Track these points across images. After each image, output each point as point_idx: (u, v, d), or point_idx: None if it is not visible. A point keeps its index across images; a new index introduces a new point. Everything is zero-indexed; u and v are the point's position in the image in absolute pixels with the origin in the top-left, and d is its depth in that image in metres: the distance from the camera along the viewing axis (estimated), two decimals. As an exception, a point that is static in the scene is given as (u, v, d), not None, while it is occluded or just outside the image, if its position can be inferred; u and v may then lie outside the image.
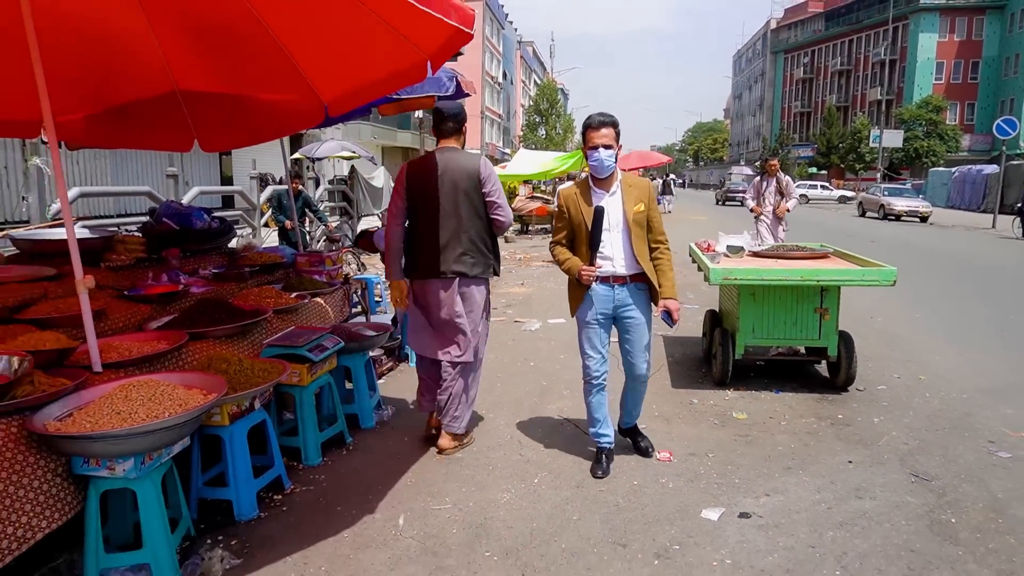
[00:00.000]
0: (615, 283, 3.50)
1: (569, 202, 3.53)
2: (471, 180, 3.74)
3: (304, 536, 2.99)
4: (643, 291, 3.54)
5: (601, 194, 3.48)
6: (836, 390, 4.91)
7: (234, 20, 3.61)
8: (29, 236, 4.52)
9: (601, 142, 3.38)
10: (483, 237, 3.81)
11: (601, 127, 3.41)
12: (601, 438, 3.68)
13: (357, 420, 4.35)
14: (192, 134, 4.58)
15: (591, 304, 3.53)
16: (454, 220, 3.75)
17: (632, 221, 3.43)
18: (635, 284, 3.51)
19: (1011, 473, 3.56)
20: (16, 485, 2.44)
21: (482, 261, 3.81)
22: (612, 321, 3.59)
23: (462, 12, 2.75)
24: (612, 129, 3.42)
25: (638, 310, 3.53)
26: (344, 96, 4.17)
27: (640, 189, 3.51)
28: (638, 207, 3.45)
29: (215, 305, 3.96)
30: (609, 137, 3.40)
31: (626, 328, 3.57)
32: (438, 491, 3.41)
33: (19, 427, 2.52)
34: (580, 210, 3.46)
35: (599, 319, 3.54)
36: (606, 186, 3.49)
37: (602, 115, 3.46)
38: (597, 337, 3.57)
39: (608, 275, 3.48)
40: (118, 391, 2.70)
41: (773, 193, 9.31)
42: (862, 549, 2.83)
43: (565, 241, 3.60)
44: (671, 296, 3.48)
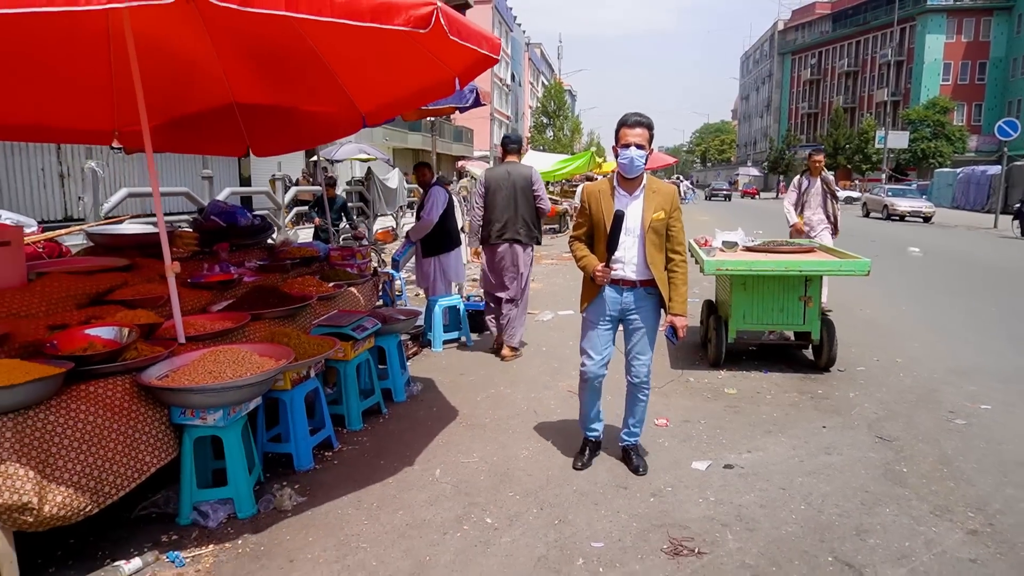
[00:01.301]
0: (624, 286, 3.49)
1: (591, 199, 3.52)
2: (526, 182, 5.83)
3: (355, 482, 3.56)
4: (652, 296, 3.50)
5: (624, 196, 3.45)
6: (819, 371, 5.44)
7: (287, 44, 4.19)
8: (101, 231, 5.11)
9: (634, 140, 3.32)
10: (532, 219, 5.90)
11: (636, 126, 3.35)
12: (590, 432, 3.78)
13: (391, 395, 4.92)
14: (245, 141, 5.18)
15: (601, 305, 3.53)
16: (514, 207, 5.80)
17: (650, 228, 3.39)
18: (644, 289, 3.48)
19: (963, 436, 4.09)
20: (133, 429, 3.03)
21: (529, 234, 5.89)
22: (618, 323, 3.61)
23: (491, 42, 3.31)
24: (647, 130, 3.37)
25: (644, 314, 3.51)
26: (380, 108, 4.77)
27: (663, 196, 3.45)
28: (658, 214, 3.40)
29: (268, 291, 4.53)
30: (643, 137, 3.35)
31: (631, 331, 3.56)
32: (466, 449, 3.97)
33: (131, 383, 3.11)
34: (601, 209, 3.44)
35: (605, 321, 3.56)
36: (631, 188, 3.45)
37: (638, 115, 3.41)
38: (600, 339, 3.58)
39: (619, 278, 3.47)
40: (208, 355, 3.27)
41: (819, 198, 7.53)
42: (825, 491, 3.37)
43: (584, 237, 3.60)
44: (679, 313, 3.45)
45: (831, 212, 7.53)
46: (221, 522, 3.17)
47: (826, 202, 7.52)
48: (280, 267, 5.49)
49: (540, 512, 3.20)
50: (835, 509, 3.19)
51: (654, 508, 3.23)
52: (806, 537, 2.95)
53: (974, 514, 3.14)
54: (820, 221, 7.53)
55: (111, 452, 2.92)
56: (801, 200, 7.59)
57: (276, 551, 2.92)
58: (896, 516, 3.12)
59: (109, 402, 3.01)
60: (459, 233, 6.87)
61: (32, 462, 2.61)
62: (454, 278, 6.83)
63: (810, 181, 7.58)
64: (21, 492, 2.56)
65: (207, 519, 3.18)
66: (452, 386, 5.20)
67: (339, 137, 5.42)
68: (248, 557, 2.88)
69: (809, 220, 7.53)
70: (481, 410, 4.65)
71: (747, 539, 2.94)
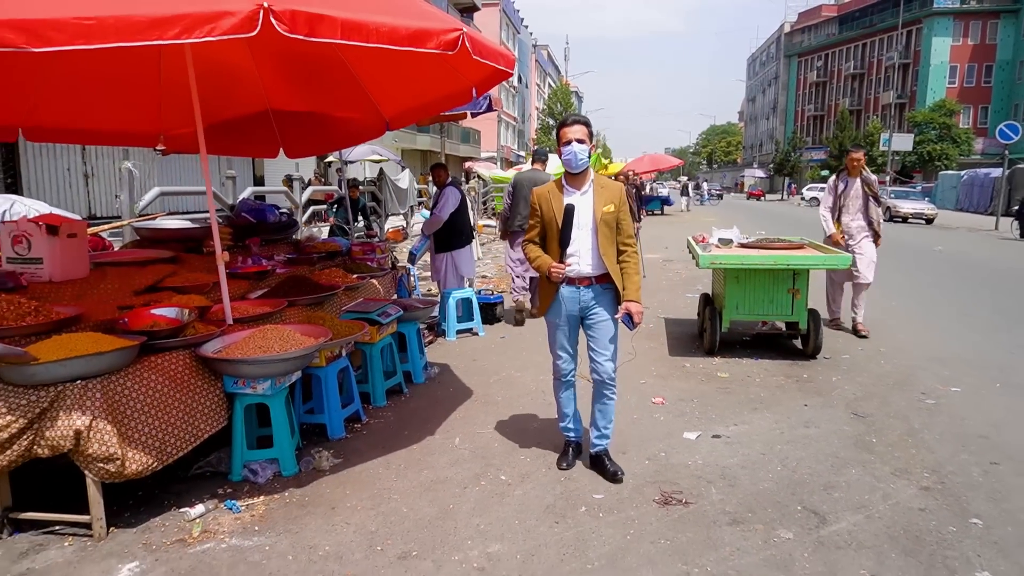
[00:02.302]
0: (580, 284, 3.52)
1: (542, 200, 3.55)
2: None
3: (383, 448, 4.01)
4: (609, 291, 3.54)
5: (573, 192, 3.51)
6: (806, 358, 5.87)
7: (320, 57, 4.65)
8: (146, 226, 5.58)
9: (574, 137, 3.42)
10: None
11: (575, 124, 3.47)
12: (569, 432, 3.82)
13: (410, 377, 5.36)
14: (279, 144, 5.64)
15: (560, 305, 3.56)
16: None
17: (601, 221, 3.44)
18: (600, 285, 3.52)
19: (931, 413, 4.51)
20: (191, 398, 3.49)
21: None
22: (579, 322, 3.62)
23: (507, 58, 3.75)
24: (584, 127, 3.47)
25: (603, 310, 3.53)
26: (403, 114, 5.23)
27: (611, 191, 3.53)
28: (608, 207, 3.45)
29: (300, 280, 4.99)
30: (582, 133, 3.44)
31: (591, 328, 3.57)
32: (481, 422, 4.42)
33: (189, 357, 3.56)
34: (552, 207, 3.48)
35: (566, 321, 3.59)
36: (579, 184, 3.52)
37: (575, 115, 3.57)
38: (565, 337, 3.62)
39: (574, 275, 3.50)
40: (256, 333, 3.73)
41: (859, 201, 6.72)
42: (800, 456, 3.81)
43: (537, 239, 3.62)
44: (633, 299, 3.46)
45: (873, 217, 6.69)
46: (268, 479, 3.63)
47: (867, 206, 6.68)
48: (307, 260, 5.95)
49: (548, 471, 3.64)
50: (807, 470, 3.62)
51: (648, 469, 3.66)
52: (780, 491, 3.39)
53: (929, 475, 3.57)
54: (860, 228, 6.72)
55: (173, 417, 3.38)
56: (838, 204, 6.78)
57: (319, 501, 3.37)
58: (860, 476, 3.56)
59: (172, 373, 3.47)
60: (471, 231, 7.30)
61: (115, 420, 3.07)
62: (465, 273, 7.26)
63: (848, 182, 6.76)
64: (108, 444, 3.02)
65: (256, 476, 3.64)
66: (466, 370, 5.65)
67: (365, 141, 5.88)
68: (295, 506, 3.34)
69: (848, 227, 6.73)
70: (493, 390, 5.09)
71: (728, 492, 3.38)
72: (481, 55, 3.42)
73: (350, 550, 2.91)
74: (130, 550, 2.96)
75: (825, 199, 6.96)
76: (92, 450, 3.00)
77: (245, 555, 2.90)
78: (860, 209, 6.70)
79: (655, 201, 30.27)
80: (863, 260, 6.68)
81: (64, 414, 2.96)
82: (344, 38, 2.66)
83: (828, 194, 6.94)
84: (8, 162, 12.34)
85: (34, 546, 3.01)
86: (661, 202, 30.89)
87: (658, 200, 30.67)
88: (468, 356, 6.09)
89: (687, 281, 10.08)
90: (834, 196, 6.85)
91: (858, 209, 6.70)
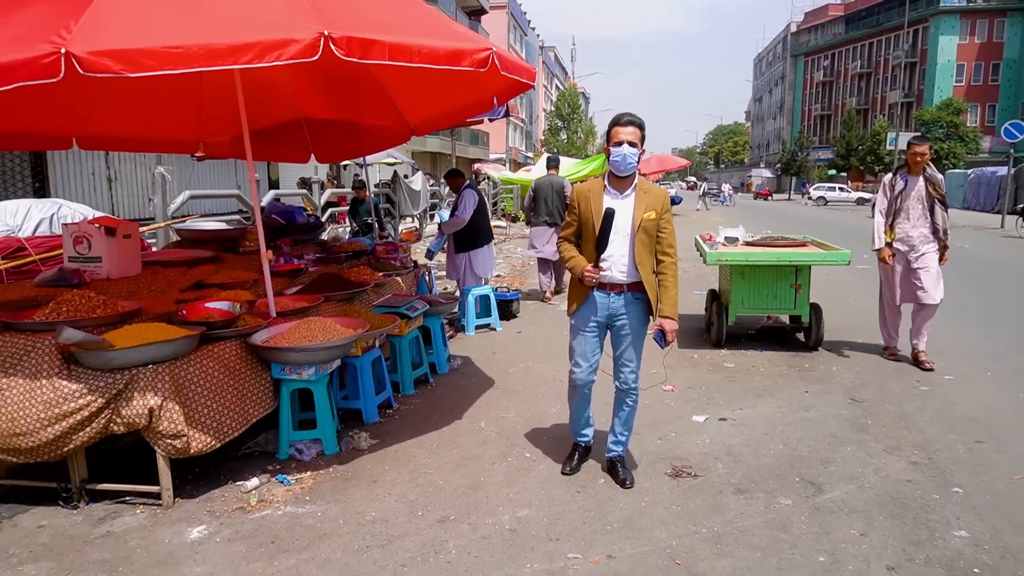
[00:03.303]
0: (611, 291, 3.42)
1: (581, 199, 3.45)
2: (560, 187, 8.85)
3: (415, 430, 4.35)
4: (640, 301, 3.43)
5: (615, 195, 3.39)
6: (808, 350, 6.18)
7: (350, 68, 4.99)
8: (188, 227, 5.96)
9: (627, 138, 3.29)
10: (562, 210, 8.45)
11: (629, 125, 3.33)
12: (581, 437, 3.76)
13: (435, 368, 5.71)
14: (310, 150, 6.00)
15: (590, 309, 3.46)
16: (552, 202, 8.81)
17: (640, 228, 3.33)
18: (632, 293, 3.41)
19: (925, 399, 4.83)
20: (243, 383, 3.85)
21: (560, 219, 8.22)
22: (606, 329, 3.54)
23: (530, 72, 4.10)
24: (639, 129, 3.34)
25: (632, 320, 3.44)
26: (427, 121, 5.58)
27: (654, 197, 3.38)
28: (649, 214, 3.33)
29: (332, 278, 5.35)
30: (635, 136, 3.31)
31: (618, 337, 3.49)
32: (504, 407, 4.76)
33: (240, 347, 3.91)
34: (591, 208, 3.37)
35: (593, 326, 3.49)
36: (622, 188, 3.39)
37: (630, 115, 3.39)
38: (587, 344, 3.52)
39: (606, 281, 3.40)
40: (300, 324, 4.08)
41: (921, 205, 5.54)
42: (800, 436, 4.13)
43: (572, 237, 3.53)
44: (669, 316, 3.33)
45: (939, 224, 5.55)
46: (313, 457, 3.98)
47: (932, 211, 5.51)
48: (335, 259, 6.31)
49: (568, 450, 3.98)
50: (806, 448, 3.95)
51: (660, 447, 4.00)
52: (780, 466, 3.72)
53: (918, 452, 3.89)
54: (923, 238, 5.54)
55: (228, 400, 3.74)
56: (894, 208, 5.63)
57: (361, 475, 3.72)
58: (855, 452, 3.88)
59: (226, 361, 3.82)
60: (490, 231, 7.63)
61: (181, 401, 3.43)
62: (481, 272, 7.58)
63: (908, 182, 5.56)
64: (176, 423, 3.38)
65: (302, 454, 3.99)
66: (486, 362, 5.99)
67: (391, 146, 6.24)
68: (340, 479, 3.69)
69: (907, 236, 5.58)
70: (513, 380, 5.43)
71: (733, 467, 3.71)
72: (508, 70, 3.77)
73: (394, 515, 3.26)
74: (196, 516, 3.31)
75: (879, 202, 5.78)
76: (162, 427, 3.36)
77: (300, 520, 3.25)
78: (923, 215, 5.53)
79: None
80: (928, 277, 5.54)
81: (138, 395, 3.31)
82: (391, 59, 3.01)
83: (882, 196, 5.74)
84: (36, 167, 12.78)
85: (110, 513, 3.37)
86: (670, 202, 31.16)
87: (666, 200, 30.91)
88: (487, 349, 6.43)
89: (695, 279, 10.39)
90: (890, 198, 5.66)
91: (920, 215, 5.53)
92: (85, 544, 3.08)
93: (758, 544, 2.93)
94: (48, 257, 5.90)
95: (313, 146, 5.98)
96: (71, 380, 3.28)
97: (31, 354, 3.32)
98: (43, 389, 3.27)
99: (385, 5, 3.55)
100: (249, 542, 3.05)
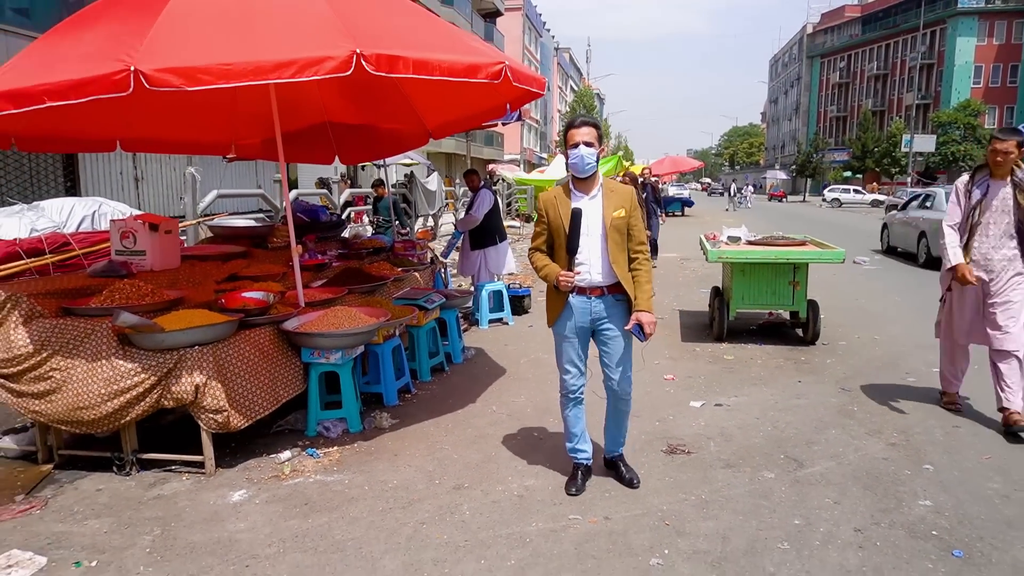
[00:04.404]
0: (592, 295, 3.36)
1: (548, 205, 3.38)
2: None
3: (432, 412, 4.71)
4: (622, 303, 3.38)
5: (581, 197, 3.35)
6: (806, 344, 6.48)
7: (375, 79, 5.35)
8: (221, 224, 6.36)
9: (583, 139, 3.26)
10: None
11: (583, 126, 3.30)
12: (578, 454, 3.62)
13: (450, 357, 6.07)
14: (334, 152, 6.38)
15: (569, 316, 3.40)
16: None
17: (611, 227, 3.29)
18: (613, 296, 3.37)
19: (911, 389, 5.12)
20: (276, 366, 4.22)
21: None
22: (590, 334, 3.48)
23: (540, 82, 4.45)
24: (594, 129, 3.32)
25: (615, 322, 3.39)
26: (444, 125, 5.95)
27: (621, 195, 3.37)
28: (618, 212, 3.30)
29: (355, 271, 5.73)
30: (591, 136, 3.28)
31: (604, 342, 3.44)
32: (515, 393, 5.11)
33: (273, 333, 4.29)
34: (559, 213, 3.31)
35: (577, 332, 3.43)
36: (586, 189, 3.35)
37: (583, 116, 3.41)
38: (574, 351, 3.46)
39: (585, 285, 3.35)
40: (328, 313, 4.45)
41: (1006, 218, 4.29)
42: (789, 420, 4.45)
43: (544, 247, 3.46)
44: (645, 309, 3.30)
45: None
46: (339, 434, 4.35)
47: (1019, 223, 4.26)
48: (357, 255, 6.70)
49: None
50: (793, 430, 4.27)
51: (658, 428, 4.33)
52: (768, 445, 4.04)
53: (898, 435, 4.19)
54: (1007, 262, 4.31)
55: (261, 381, 4.12)
56: (969, 222, 4.39)
57: (383, 450, 4.09)
58: (838, 435, 4.19)
59: (261, 345, 4.20)
60: (504, 230, 7.97)
61: (223, 380, 3.80)
62: (495, 269, 7.92)
63: (989, 188, 4.34)
64: (219, 399, 3.76)
65: (329, 431, 4.36)
66: (499, 353, 6.34)
67: (410, 149, 6.60)
68: (364, 453, 4.05)
69: (985, 258, 4.35)
70: (523, 369, 5.78)
71: (724, 446, 4.04)
72: (519, 81, 4.12)
73: (414, 483, 3.62)
74: (236, 483, 3.69)
75: (951, 213, 4.52)
76: (206, 403, 3.74)
77: (329, 486, 3.61)
78: (1008, 232, 4.30)
79: (676, 203, 30.83)
80: (1007, 313, 4.31)
81: (186, 373, 3.70)
82: (415, 73, 3.37)
83: (954, 206, 4.50)
84: (68, 168, 13.33)
85: (159, 480, 3.76)
86: (682, 203, 31.45)
87: (679, 202, 31.24)
88: (500, 342, 6.78)
89: (702, 278, 10.69)
90: (964, 207, 4.45)
91: (1004, 231, 4.30)
92: (140, 504, 3.46)
93: (740, 509, 3.26)
94: (90, 251, 6.32)
95: (338, 148, 6.35)
96: (127, 359, 3.68)
97: (91, 336, 3.72)
98: (103, 367, 3.67)
99: (408, 23, 3.91)
100: (285, 504, 3.42)
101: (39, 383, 3.71)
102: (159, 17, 3.20)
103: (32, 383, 3.71)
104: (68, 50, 3.27)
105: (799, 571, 2.75)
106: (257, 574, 2.80)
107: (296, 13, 3.42)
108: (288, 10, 3.44)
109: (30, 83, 3.02)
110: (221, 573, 2.81)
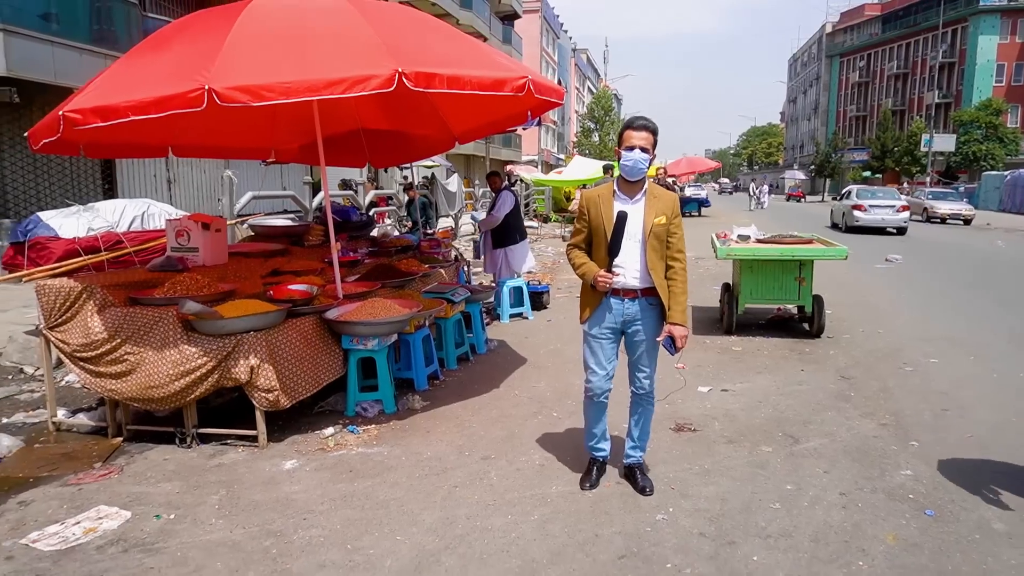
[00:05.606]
0: (625, 297, 3.38)
1: (591, 204, 3.39)
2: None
3: (459, 396, 5.13)
4: (654, 307, 3.39)
5: (625, 200, 3.34)
6: (811, 337, 6.82)
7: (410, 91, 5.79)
8: (261, 223, 6.83)
9: (639, 143, 3.25)
10: None
11: (642, 130, 3.29)
12: (597, 451, 3.68)
13: (474, 348, 6.49)
14: (366, 156, 6.83)
15: (602, 316, 3.43)
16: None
17: (651, 233, 3.29)
18: (646, 299, 3.38)
19: (907, 377, 5.46)
20: (318, 352, 4.66)
21: None
22: (620, 335, 3.50)
23: (559, 92, 4.85)
24: (652, 135, 3.29)
25: (647, 326, 3.41)
26: (469, 131, 6.37)
27: (664, 201, 3.36)
28: (660, 219, 3.30)
29: (387, 267, 6.17)
30: (647, 141, 3.27)
31: (633, 344, 3.47)
32: (535, 379, 5.52)
33: (316, 322, 4.72)
34: (601, 214, 3.33)
35: (607, 332, 3.46)
36: (632, 192, 3.35)
37: (644, 119, 3.37)
38: (603, 351, 3.48)
39: (620, 287, 3.36)
40: (365, 304, 4.89)
41: None
42: (789, 403, 4.82)
43: (583, 244, 3.48)
44: (678, 322, 3.29)
45: None
46: (375, 414, 4.78)
47: None
48: (386, 252, 7.15)
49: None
50: (792, 412, 4.64)
51: (667, 409, 4.72)
52: (768, 424, 4.41)
53: (889, 417, 4.55)
54: None
55: (306, 365, 4.55)
56: None
57: (416, 427, 4.51)
58: (834, 416, 4.56)
59: (304, 333, 4.64)
60: (525, 230, 8.38)
61: (274, 363, 4.25)
62: (516, 267, 8.33)
63: None
64: (270, 380, 4.21)
65: (366, 412, 4.79)
66: (519, 344, 6.75)
67: (437, 153, 7.03)
68: (399, 430, 4.48)
69: None
70: (544, 359, 6.19)
71: (728, 425, 4.42)
72: (541, 93, 4.52)
73: (446, 455, 4.04)
74: (286, 454, 4.13)
75: None
76: (260, 383, 4.18)
77: (370, 457, 4.04)
78: None
79: (692, 203, 31.03)
80: None
81: (242, 356, 4.15)
82: (449, 88, 3.80)
83: None
84: (106, 171, 13.96)
85: (218, 451, 4.20)
86: (698, 204, 31.64)
87: (695, 202, 31.44)
88: (520, 335, 7.19)
89: (715, 276, 11.02)
90: None
91: None
92: (203, 471, 3.92)
93: (739, 477, 3.65)
94: (141, 249, 6.84)
95: (369, 152, 6.80)
96: (191, 344, 4.13)
97: (159, 323, 4.18)
98: (171, 351, 4.13)
99: (441, 43, 4.34)
100: (332, 471, 3.86)
101: (115, 365, 4.18)
102: (225, 41, 3.64)
103: (109, 365, 4.19)
104: (146, 70, 3.73)
105: (788, 526, 3.13)
106: (313, 525, 3.23)
107: (344, 36, 3.86)
108: (337, 33, 3.88)
109: (116, 100, 3.48)
110: (283, 524, 3.25)
